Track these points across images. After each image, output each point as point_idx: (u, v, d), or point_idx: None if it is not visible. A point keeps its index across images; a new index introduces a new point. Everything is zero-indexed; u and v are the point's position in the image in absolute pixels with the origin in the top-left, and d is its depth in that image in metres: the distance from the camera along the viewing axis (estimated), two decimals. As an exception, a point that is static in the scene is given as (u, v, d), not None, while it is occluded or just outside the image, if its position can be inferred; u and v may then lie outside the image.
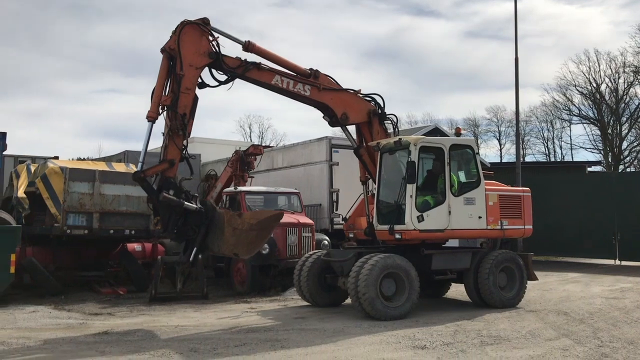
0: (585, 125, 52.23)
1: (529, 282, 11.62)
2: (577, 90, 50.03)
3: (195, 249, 9.67)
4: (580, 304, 11.47)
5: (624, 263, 19.79)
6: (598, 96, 49.47)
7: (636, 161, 50.49)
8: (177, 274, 12.47)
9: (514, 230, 11.49)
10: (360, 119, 11.34)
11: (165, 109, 9.59)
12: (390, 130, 11.78)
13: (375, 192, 11.38)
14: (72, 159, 17.63)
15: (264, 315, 10.70)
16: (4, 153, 16.89)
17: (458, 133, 11.82)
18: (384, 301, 9.88)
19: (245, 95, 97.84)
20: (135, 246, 15.46)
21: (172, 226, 9.54)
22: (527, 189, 11.97)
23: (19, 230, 12.02)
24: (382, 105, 11.48)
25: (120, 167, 15.48)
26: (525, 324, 9.41)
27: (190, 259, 9.78)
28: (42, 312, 10.90)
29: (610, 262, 20.14)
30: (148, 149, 9.75)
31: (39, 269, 12.82)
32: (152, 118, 9.53)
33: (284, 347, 7.90)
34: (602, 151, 50.50)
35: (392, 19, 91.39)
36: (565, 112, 52.97)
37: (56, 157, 15.87)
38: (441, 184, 10.76)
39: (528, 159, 56.08)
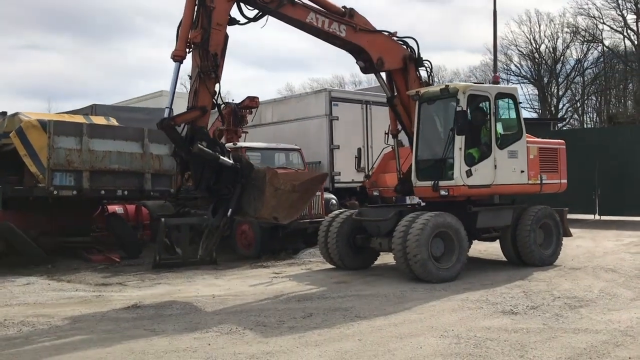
0: (523, 85, 53.04)
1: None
2: (518, 50, 50.66)
3: (230, 210, 8.42)
4: (614, 260, 11.14)
5: (603, 218, 19.94)
6: (537, 56, 50.27)
7: (572, 120, 52.15)
8: (181, 237, 11.11)
9: (551, 185, 10.97)
10: (396, 64, 10.30)
11: (194, 47, 8.25)
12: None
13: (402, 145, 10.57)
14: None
15: (297, 280, 9.72)
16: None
17: (496, 81, 11.04)
18: (435, 262, 9.12)
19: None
20: (117, 208, 14.01)
21: (205, 183, 8.29)
22: (562, 141, 11.41)
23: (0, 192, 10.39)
24: (417, 50, 10.50)
25: (99, 121, 13.83)
26: (587, 283, 8.88)
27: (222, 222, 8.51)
28: (39, 285, 9.49)
29: (590, 217, 20.25)
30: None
31: (19, 235, 11.21)
32: (179, 57, 8.16)
33: (358, 316, 7.00)
34: (538, 110, 51.68)
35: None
36: (505, 72, 53.65)
37: (4, 113, 13.91)
38: (485, 135, 9.97)
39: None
